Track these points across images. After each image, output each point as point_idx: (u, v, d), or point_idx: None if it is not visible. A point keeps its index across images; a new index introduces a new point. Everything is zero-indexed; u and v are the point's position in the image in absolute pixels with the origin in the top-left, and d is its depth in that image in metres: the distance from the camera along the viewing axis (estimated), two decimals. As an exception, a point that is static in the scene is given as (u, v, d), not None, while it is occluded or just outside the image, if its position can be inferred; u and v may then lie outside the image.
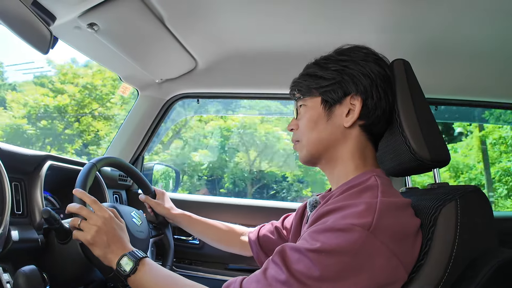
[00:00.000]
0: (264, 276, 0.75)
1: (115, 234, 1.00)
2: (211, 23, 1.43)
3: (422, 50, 1.54)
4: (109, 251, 0.97)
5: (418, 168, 0.94)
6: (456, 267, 0.76)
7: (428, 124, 0.91)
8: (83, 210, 1.01)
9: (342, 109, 0.91)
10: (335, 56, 0.95)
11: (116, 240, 1.00)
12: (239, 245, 1.40)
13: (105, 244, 0.98)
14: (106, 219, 1.01)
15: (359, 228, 0.71)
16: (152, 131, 1.91)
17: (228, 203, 1.87)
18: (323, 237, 0.73)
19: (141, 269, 0.94)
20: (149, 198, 1.47)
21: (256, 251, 1.30)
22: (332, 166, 0.96)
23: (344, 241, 0.71)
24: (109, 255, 0.97)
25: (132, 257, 0.95)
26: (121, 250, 0.98)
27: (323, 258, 0.71)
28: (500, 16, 1.29)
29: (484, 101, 1.76)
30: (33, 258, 1.04)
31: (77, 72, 8.80)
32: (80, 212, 1.00)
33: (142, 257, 0.97)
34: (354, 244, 0.70)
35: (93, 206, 1.03)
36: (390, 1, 1.25)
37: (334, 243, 0.71)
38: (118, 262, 0.95)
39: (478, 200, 0.84)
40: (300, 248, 0.74)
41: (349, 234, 0.71)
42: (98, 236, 0.97)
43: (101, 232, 0.98)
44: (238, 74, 1.79)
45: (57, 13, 1.15)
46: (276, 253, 0.77)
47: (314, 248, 0.72)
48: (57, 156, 1.32)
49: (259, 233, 1.32)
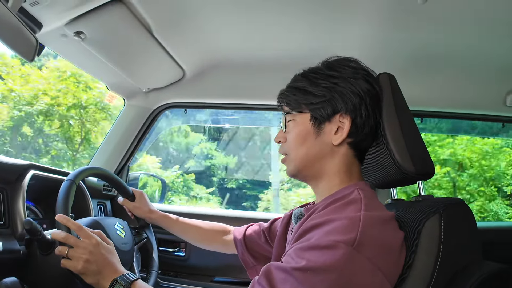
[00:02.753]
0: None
1: (105, 260, 0.99)
2: (198, 33, 1.44)
3: (408, 63, 1.57)
4: (101, 277, 0.97)
5: (403, 180, 0.95)
6: (439, 281, 0.76)
7: (412, 137, 0.92)
8: (69, 238, 0.99)
9: (331, 127, 0.91)
10: (324, 71, 0.94)
11: (106, 265, 0.99)
12: (222, 243, 1.39)
13: (96, 271, 0.97)
14: (94, 245, 0.99)
15: (343, 244, 0.71)
16: (138, 141, 1.90)
17: (215, 214, 1.86)
18: (309, 254, 0.73)
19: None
20: (128, 201, 1.44)
21: (241, 250, 1.30)
22: (318, 181, 0.96)
23: (329, 258, 0.70)
24: (101, 281, 0.97)
25: (123, 282, 0.95)
26: (112, 274, 0.97)
27: (309, 277, 0.70)
28: (484, 30, 1.32)
29: (469, 113, 1.79)
30: (15, 269, 1.02)
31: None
32: (66, 241, 0.98)
33: (133, 280, 0.96)
34: (339, 261, 0.70)
35: (79, 233, 1.01)
36: (377, 15, 1.27)
37: (320, 261, 0.71)
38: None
39: (462, 213, 0.85)
40: (286, 268, 0.73)
41: (333, 251, 0.71)
42: (88, 265, 0.96)
43: (91, 260, 0.97)
44: (225, 84, 1.79)
45: (44, 20, 1.14)
46: (261, 274, 0.77)
47: (300, 266, 0.71)
48: (40, 165, 1.30)
49: (245, 233, 1.31)
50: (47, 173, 1.33)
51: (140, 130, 1.88)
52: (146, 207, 1.45)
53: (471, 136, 6.50)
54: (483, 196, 7.01)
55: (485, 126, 2.43)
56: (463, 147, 6.91)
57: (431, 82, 1.69)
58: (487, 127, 2.45)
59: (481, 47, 1.45)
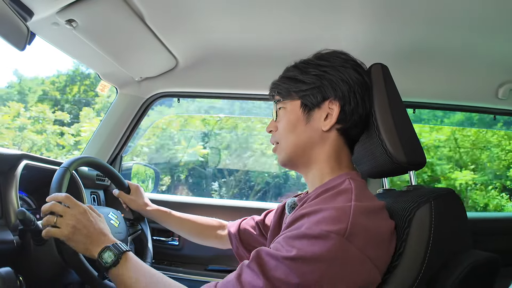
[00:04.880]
0: (239, 281, 0.74)
1: (94, 226, 0.97)
2: (192, 22, 1.43)
3: (402, 55, 1.57)
4: (90, 243, 0.95)
5: (395, 170, 0.96)
6: (430, 268, 0.78)
7: (404, 127, 0.93)
8: (56, 206, 0.97)
9: (321, 113, 0.93)
10: (315, 61, 0.96)
11: (96, 231, 0.97)
12: (217, 238, 1.39)
13: (84, 237, 0.95)
14: (81, 213, 0.98)
15: (334, 235, 0.71)
16: (131, 130, 1.89)
17: (210, 203, 1.87)
18: (299, 243, 0.73)
19: (124, 263, 0.92)
20: (123, 193, 1.44)
21: (236, 244, 1.30)
22: (309, 169, 0.97)
23: (319, 248, 0.71)
24: (90, 247, 0.94)
25: (115, 250, 0.93)
26: (103, 241, 0.96)
27: (300, 266, 0.71)
28: (477, 23, 1.33)
29: (461, 105, 1.81)
30: (9, 260, 1.02)
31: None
32: (54, 209, 0.96)
33: (126, 251, 0.94)
34: (330, 252, 0.71)
35: (67, 201, 0.99)
36: (371, 6, 1.27)
37: (310, 250, 0.71)
38: (100, 254, 0.93)
39: (452, 202, 0.86)
40: (277, 256, 0.74)
41: (324, 241, 0.71)
42: (75, 230, 0.95)
43: (79, 226, 0.95)
44: (219, 74, 1.79)
45: (35, 8, 1.12)
46: (252, 259, 0.77)
47: (291, 256, 0.72)
48: (33, 155, 1.29)
49: (239, 227, 1.32)
50: (40, 163, 1.32)
51: (133, 120, 1.87)
52: (141, 200, 1.45)
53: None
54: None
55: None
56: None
57: (424, 74, 1.70)
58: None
59: (474, 40, 1.45)
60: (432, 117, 4.81)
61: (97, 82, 1.81)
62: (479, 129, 5.51)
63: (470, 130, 5.57)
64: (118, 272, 0.91)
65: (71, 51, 1.50)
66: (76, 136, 6.51)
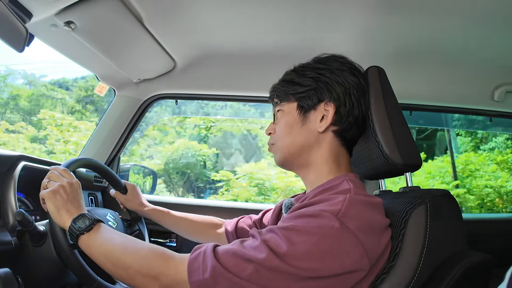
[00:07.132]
0: (241, 243, 0.79)
1: (75, 198, 1.01)
2: (190, 24, 1.43)
3: (398, 57, 1.59)
4: (65, 208, 0.97)
5: (391, 172, 0.97)
6: (425, 269, 0.79)
7: (401, 129, 0.94)
8: (53, 173, 1.04)
9: (316, 115, 0.94)
10: (312, 64, 0.99)
11: (76, 202, 1.01)
12: (214, 236, 1.40)
13: (64, 201, 0.98)
14: (70, 184, 1.02)
15: (328, 213, 0.75)
16: (128, 132, 1.89)
17: (207, 205, 1.86)
18: (295, 221, 0.78)
19: (97, 230, 0.94)
20: (120, 194, 1.45)
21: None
22: (307, 171, 0.99)
23: (312, 223, 0.75)
24: (64, 212, 0.97)
25: (90, 217, 0.95)
26: (78, 211, 0.98)
27: (292, 235, 0.75)
28: (473, 24, 1.34)
29: (457, 107, 1.82)
30: (7, 260, 1.02)
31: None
32: (49, 174, 1.04)
33: (100, 220, 0.97)
34: (322, 227, 0.74)
35: (64, 173, 1.05)
36: (368, 9, 1.28)
37: (304, 224, 0.76)
38: (73, 220, 0.94)
39: (448, 204, 0.87)
40: (273, 228, 0.78)
41: (318, 218, 0.76)
42: (58, 194, 0.98)
43: (62, 191, 0.99)
44: (217, 76, 1.79)
45: (34, 10, 1.13)
46: (252, 232, 0.82)
47: (285, 226, 0.77)
48: (31, 156, 1.29)
49: (237, 225, 1.33)
50: (38, 164, 1.32)
51: (130, 121, 1.87)
52: (138, 200, 1.46)
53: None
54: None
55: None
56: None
57: (420, 76, 1.71)
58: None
59: (470, 42, 1.47)
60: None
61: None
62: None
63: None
64: (90, 238, 0.92)
65: (69, 52, 1.50)
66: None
